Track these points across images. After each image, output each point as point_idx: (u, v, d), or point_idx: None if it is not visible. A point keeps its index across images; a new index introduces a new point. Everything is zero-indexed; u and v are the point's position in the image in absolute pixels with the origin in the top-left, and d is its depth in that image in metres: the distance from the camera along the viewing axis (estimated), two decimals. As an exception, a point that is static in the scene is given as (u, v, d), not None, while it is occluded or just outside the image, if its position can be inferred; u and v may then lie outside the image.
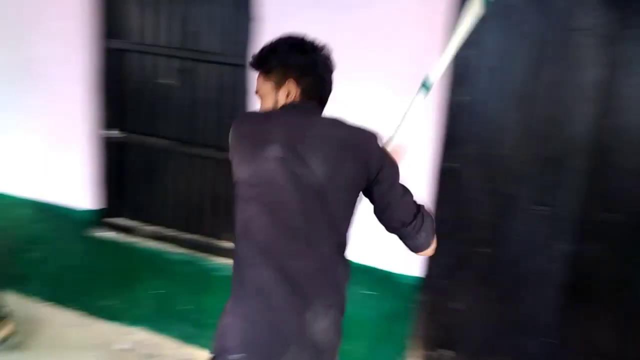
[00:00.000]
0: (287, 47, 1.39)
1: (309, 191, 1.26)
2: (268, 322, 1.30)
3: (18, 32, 2.91)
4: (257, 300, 1.32)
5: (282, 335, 1.29)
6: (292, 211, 1.27)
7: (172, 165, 2.93)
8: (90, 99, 2.88)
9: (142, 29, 2.85)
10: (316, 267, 1.30)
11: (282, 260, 1.28)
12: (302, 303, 1.29)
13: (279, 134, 1.29)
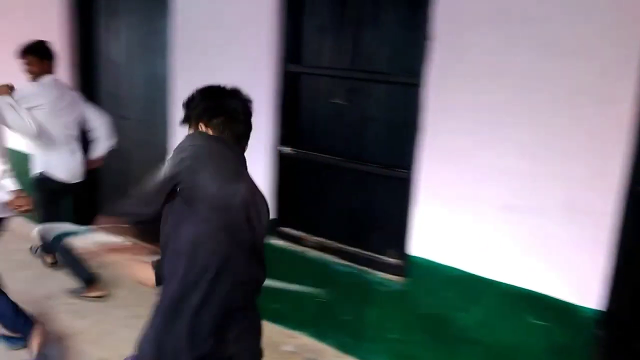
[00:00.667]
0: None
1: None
2: None
3: (212, 59, 3.32)
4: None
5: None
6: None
7: (341, 181, 3.09)
8: (269, 119, 3.17)
9: (317, 52, 3.08)
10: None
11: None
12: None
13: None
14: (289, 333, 3.21)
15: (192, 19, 3.40)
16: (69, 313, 3.26)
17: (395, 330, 2.84)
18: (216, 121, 1.56)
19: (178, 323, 1.50)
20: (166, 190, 1.47)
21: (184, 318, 1.49)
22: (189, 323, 1.49)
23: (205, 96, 1.63)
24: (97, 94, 4.35)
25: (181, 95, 3.47)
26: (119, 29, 4.10)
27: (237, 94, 1.68)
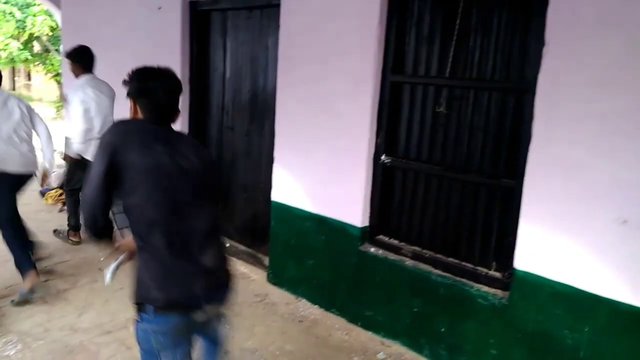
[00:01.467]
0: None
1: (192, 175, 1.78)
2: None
3: (317, 71, 3.47)
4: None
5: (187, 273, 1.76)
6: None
7: (441, 190, 3.06)
8: (370, 128, 3.23)
9: (420, 61, 3.10)
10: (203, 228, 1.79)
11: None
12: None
13: (155, 135, 1.79)
14: (383, 341, 3.21)
15: (298, 34, 3.57)
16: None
17: (496, 346, 2.74)
18: (140, 100, 1.84)
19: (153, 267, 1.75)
20: (106, 181, 1.70)
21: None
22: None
23: (134, 78, 1.86)
24: (209, 107, 4.68)
25: (285, 109, 3.68)
26: (230, 46, 4.40)
27: (161, 75, 1.88)
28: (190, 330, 1.82)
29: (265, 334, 3.23)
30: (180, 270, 1.74)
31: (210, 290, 1.79)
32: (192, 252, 1.76)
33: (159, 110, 1.86)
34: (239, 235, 4.54)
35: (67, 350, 2.90)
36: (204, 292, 1.76)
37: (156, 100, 1.84)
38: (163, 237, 1.71)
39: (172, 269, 1.73)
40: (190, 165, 1.80)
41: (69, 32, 6.38)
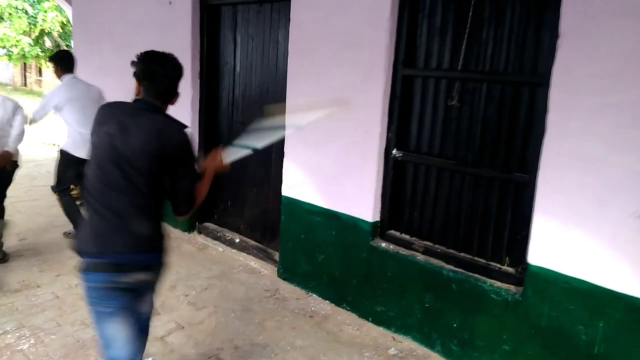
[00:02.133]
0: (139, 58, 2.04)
1: (121, 158, 1.90)
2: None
3: (327, 65, 3.44)
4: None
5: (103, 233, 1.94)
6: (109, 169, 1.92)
7: (453, 185, 3.03)
8: (381, 122, 3.20)
9: (432, 55, 3.07)
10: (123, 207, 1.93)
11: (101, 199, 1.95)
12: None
13: (115, 116, 1.96)
14: (394, 336, 3.19)
15: (308, 29, 3.55)
16: (188, 304, 3.50)
17: (509, 341, 2.71)
18: (144, 83, 2.02)
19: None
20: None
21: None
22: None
23: (140, 61, 2.04)
24: (219, 101, 4.67)
25: (295, 102, 3.66)
26: (240, 40, 4.39)
27: (164, 61, 2.05)
28: (116, 291, 1.96)
29: (276, 329, 3.22)
30: (97, 231, 1.95)
31: (122, 254, 1.95)
32: (111, 220, 1.93)
33: (159, 92, 2.03)
34: (249, 230, 4.55)
35: (79, 345, 2.91)
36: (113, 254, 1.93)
37: (157, 83, 2.02)
38: (92, 202, 1.95)
39: (94, 229, 1.96)
40: (126, 148, 1.91)
41: (80, 27, 6.40)
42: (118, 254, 1.94)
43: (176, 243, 4.65)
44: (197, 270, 4.07)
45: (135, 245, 1.97)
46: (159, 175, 1.99)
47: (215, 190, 4.84)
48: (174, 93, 2.08)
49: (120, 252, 1.94)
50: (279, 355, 2.94)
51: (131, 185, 1.93)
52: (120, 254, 1.94)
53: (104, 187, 1.94)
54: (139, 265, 2.00)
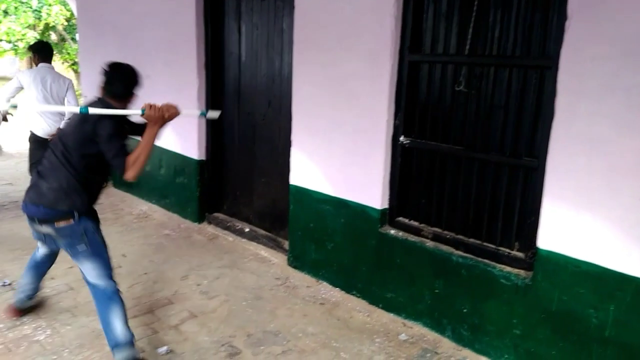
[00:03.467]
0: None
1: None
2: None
3: (333, 53, 3.42)
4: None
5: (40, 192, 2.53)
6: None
7: (462, 171, 3.02)
8: (387, 109, 3.19)
9: (439, 39, 3.05)
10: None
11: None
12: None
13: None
14: (404, 322, 3.22)
15: (312, 16, 3.53)
16: (200, 293, 3.54)
17: (519, 326, 2.72)
18: (104, 86, 2.64)
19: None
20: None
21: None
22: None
23: (104, 70, 2.64)
24: (225, 92, 4.68)
25: (301, 91, 3.65)
26: (245, 30, 4.38)
27: (119, 68, 2.69)
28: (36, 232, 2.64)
29: (287, 317, 3.26)
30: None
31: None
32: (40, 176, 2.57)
33: (115, 94, 2.63)
34: (258, 219, 4.57)
35: (94, 335, 2.96)
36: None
37: (114, 87, 2.63)
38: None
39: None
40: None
41: (85, 20, 6.40)
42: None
43: (186, 233, 4.69)
44: (208, 259, 4.11)
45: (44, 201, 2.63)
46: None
47: (224, 181, 4.86)
48: (129, 95, 2.68)
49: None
50: (291, 342, 2.97)
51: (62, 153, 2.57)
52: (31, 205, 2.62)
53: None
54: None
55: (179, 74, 4.83)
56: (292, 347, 2.93)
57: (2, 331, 2.95)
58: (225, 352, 2.86)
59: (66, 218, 2.52)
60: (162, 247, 4.37)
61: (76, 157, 2.51)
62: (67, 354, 2.78)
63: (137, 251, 4.24)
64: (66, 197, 2.51)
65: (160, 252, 4.25)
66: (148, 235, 4.63)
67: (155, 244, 4.42)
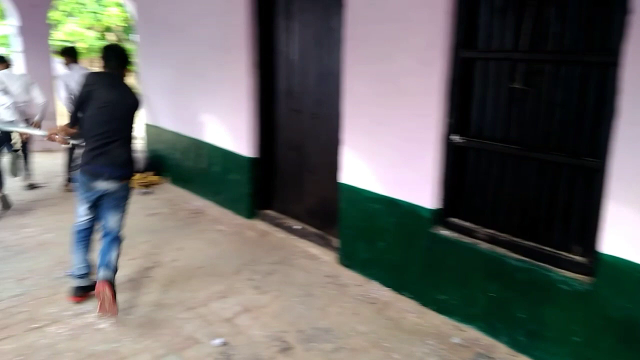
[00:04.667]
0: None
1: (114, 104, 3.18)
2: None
3: (384, 50, 3.40)
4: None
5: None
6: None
7: (518, 171, 2.94)
8: (440, 108, 3.14)
9: (494, 35, 2.96)
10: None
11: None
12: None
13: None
14: (457, 325, 3.17)
15: (364, 13, 3.51)
16: (253, 288, 3.62)
17: (579, 333, 2.63)
18: (104, 63, 3.25)
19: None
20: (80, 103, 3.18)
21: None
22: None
23: (101, 49, 3.32)
24: (275, 90, 4.74)
25: (352, 89, 3.66)
26: (294, 29, 4.42)
27: (114, 49, 3.38)
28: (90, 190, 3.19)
29: (338, 315, 3.28)
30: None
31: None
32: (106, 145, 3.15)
33: (112, 67, 3.24)
34: (308, 217, 4.62)
35: (153, 325, 3.09)
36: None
37: (109, 62, 3.25)
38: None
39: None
40: (115, 99, 3.16)
41: (143, 21, 6.65)
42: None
43: (239, 229, 4.80)
44: (259, 255, 4.19)
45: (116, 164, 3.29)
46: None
47: (274, 178, 4.94)
48: (123, 68, 3.28)
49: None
50: (342, 340, 3.00)
51: (116, 123, 3.25)
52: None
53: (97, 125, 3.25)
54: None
55: (230, 72, 4.94)
56: (343, 345, 2.95)
57: (69, 318, 3.13)
58: (278, 346, 2.91)
59: (128, 178, 3.25)
60: (216, 242, 4.49)
61: (130, 129, 3.26)
62: (128, 342, 2.91)
63: (193, 245, 4.38)
64: (131, 163, 3.25)
65: (214, 246, 4.37)
66: (202, 230, 4.77)
67: (209, 238, 4.55)
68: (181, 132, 6.01)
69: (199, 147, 5.69)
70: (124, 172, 3.19)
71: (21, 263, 3.91)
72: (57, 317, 3.14)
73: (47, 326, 3.04)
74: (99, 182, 3.14)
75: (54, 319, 3.12)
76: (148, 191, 6.01)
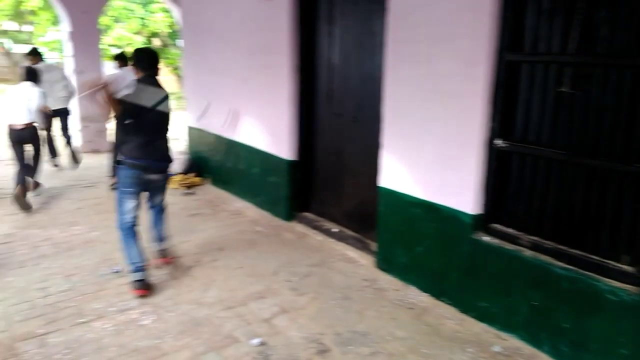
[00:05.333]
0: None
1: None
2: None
3: (426, 53, 3.38)
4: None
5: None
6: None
7: (564, 177, 2.86)
8: (483, 111, 3.09)
9: (541, 38, 2.89)
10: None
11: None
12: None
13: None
14: (498, 333, 3.10)
15: (406, 16, 3.50)
16: (290, 289, 3.64)
17: (627, 345, 2.52)
18: (139, 65, 3.59)
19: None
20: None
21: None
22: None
23: (134, 54, 3.69)
24: (316, 94, 4.78)
25: (393, 93, 3.64)
26: (336, 33, 4.44)
27: (148, 52, 3.75)
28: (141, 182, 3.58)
29: (375, 319, 3.26)
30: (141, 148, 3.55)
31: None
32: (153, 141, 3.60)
33: (147, 69, 3.58)
34: (346, 221, 4.62)
35: (194, 323, 3.16)
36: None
37: (145, 64, 3.59)
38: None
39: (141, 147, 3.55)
40: (158, 100, 3.57)
41: (188, 27, 6.83)
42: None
43: (277, 231, 4.85)
44: (297, 257, 4.22)
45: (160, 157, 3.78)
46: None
47: (313, 181, 4.97)
48: (156, 69, 3.63)
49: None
50: (380, 345, 2.98)
51: (160, 123, 3.73)
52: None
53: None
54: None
55: (272, 76, 5.00)
56: (381, 349, 2.94)
57: (113, 314, 3.24)
58: (315, 348, 2.92)
59: (169, 168, 3.78)
60: (255, 243, 4.55)
61: (168, 125, 3.73)
62: (169, 339, 2.98)
63: (232, 246, 4.45)
64: (170, 155, 3.74)
65: (253, 247, 4.43)
66: (242, 231, 4.85)
67: (248, 239, 4.62)
68: (222, 135, 6.12)
69: (239, 150, 5.79)
70: (167, 163, 3.72)
71: (69, 260, 4.07)
72: (102, 313, 3.25)
73: (93, 321, 3.15)
74: (149, 175, 3.56)
75: (99, 315, 3.23)
76: (190, 192, 6.15)
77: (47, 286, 3.59)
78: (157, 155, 3.60)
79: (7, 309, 3.26)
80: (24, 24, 19.75)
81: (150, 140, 3.53)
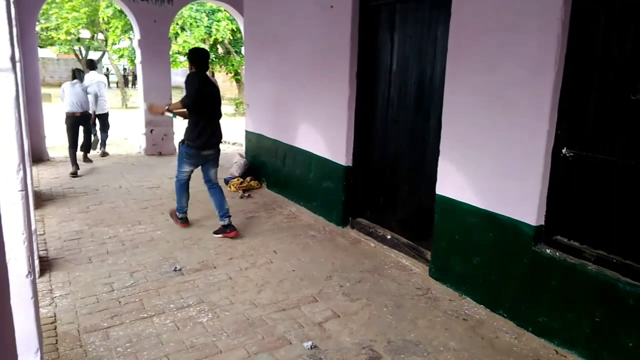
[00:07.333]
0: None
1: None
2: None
3: (490, 60, 3.30)
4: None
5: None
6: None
7: (631, 187, 2.70)
8: (549, 119, 2.98)
9: (613, 44, 2.76)
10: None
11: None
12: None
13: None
14: (557, 350, 2.97)
15: (470, 23, 3.44)
16: (343, 294, 3.66)
17: (703, 372, 2.35)
18: (196, 63, 4.58)
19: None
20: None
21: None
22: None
23: (191, 53, 4.64)
24: (375, 101, 4.78)
25: (453, 100, 3.58)
26: (397, 40, 4.43)
27: (201, 52, 4.68)
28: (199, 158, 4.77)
29: (428, 328, 3.21)
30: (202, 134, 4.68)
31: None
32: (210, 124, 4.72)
33: (201, 66, 4.61)
34: (401, 228, 4.58)
35: (248, 323, 3.23)
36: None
37: (199, 62, 4.59)
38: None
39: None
40: (212, 92, 4.67)
41: (250, 35, 7.02)
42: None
43: (331, 236, 4.88)
44: (350, 263, 4.22)
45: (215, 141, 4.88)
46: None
47: (368, 187, 4.96)
48: (207, 67, 4.73)
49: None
50: (432, 355, 2.93)
51: (215, 112, 4.84)
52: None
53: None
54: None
55: (332, 83, 5.06)
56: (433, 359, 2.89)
57: (173, 311, 3.37)
58: (366, 355, 2.91)
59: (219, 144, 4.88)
60: (308, 247, 4.60)
61: (220, 112, 4.78)
62: (224, 338, 3.07)
63: (286, 249, 4.52)
64: (221, 134, 4.85)
65: (307, 251, 4.48)
66: (296, 235, 4.91)
67: (302, 243, 4.68)
68: (280, 139, 6.24)
69: (296, 154, 5.88)
70: (220, 142, 4.83)
71: (133, 257, 4.27)
72: (162, 309, 3.39)
73: (154, 317, 3.29)
74: (206, 152, 4.69)
75: (159, 311, 3.37)
76: (247, 195, 6.31)
77: (112, 281, 3.79)
78: (214, 137, 4.69)
79: (74, 302, 3.47)
80: (98, 32, 20.98)
81: (208, 124, 4.60)
